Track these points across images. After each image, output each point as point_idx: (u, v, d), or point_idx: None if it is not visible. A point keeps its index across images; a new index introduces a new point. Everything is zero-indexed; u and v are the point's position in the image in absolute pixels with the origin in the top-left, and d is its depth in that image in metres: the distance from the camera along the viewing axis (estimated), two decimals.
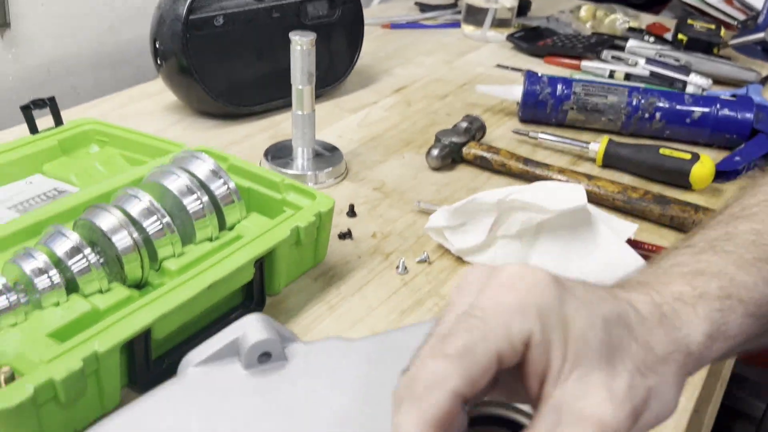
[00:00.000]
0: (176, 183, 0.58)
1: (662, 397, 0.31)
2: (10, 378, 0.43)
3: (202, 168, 0.60)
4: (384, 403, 0.41)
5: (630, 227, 0.67)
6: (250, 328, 0.44)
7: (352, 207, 0.74)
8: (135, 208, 0.55)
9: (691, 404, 0.54)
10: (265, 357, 0.44)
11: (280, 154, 0.81)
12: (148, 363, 0.49)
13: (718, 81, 1.14)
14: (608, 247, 0.64)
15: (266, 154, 0.82)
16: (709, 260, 0.36)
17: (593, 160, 0.88)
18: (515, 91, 0.96)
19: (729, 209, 0.42)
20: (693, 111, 0.93)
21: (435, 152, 0.83)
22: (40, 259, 0.50)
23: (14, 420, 0.41)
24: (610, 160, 0.87)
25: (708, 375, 0.61)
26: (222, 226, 0.60)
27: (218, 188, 0.60)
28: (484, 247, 0.66)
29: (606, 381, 0.29)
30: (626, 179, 0.85)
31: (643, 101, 0.93)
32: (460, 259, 0.68)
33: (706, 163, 0.82)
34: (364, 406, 0.41)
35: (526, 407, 0.43)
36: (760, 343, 0.39)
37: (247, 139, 0.88)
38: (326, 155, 0.82)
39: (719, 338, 0.34)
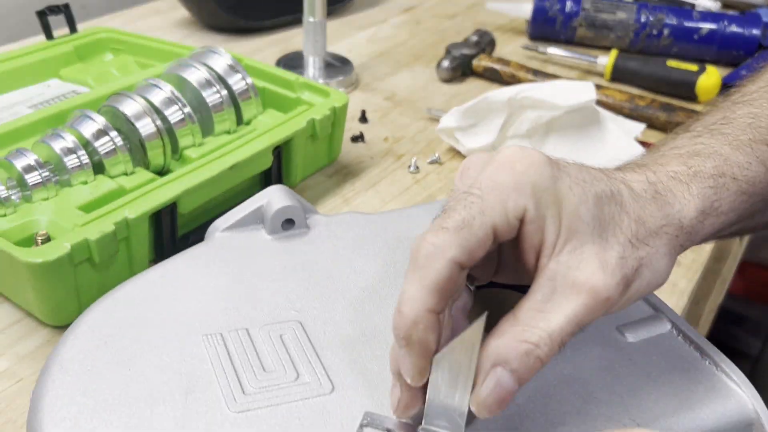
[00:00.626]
0: (195, 75, 0.59)
1: (654, 266, 0.33)
2: (47, 240, 0.45)
3: (220, 62, 0.61)
4: (402, 268, 0.44)
5: (637, 126, 0.69)
6: (274, 196, 0.46)
7: (363, 113, 0.76)
8: (157, 97, 0.56)
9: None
10: (288, 224, 0.46)
11: (291, 63, 0.82)
12: (174, 238, 0.51)
13: (726, 5, 1.13)
14: (617, 143, 0.66)
15: (278, 63, 0.83)
16: (705, 142, 0.38)
17: (601, 74, 0.89)
18: (525, 8, 0.96)
19: (730, 97, 0.43)
20: (701, 27, 0.93)
21: (445, 64, 0.84)
22: (69, 140, 0.51)
23: (53, 276, 0.43)
24: (618, 74, 0.88)
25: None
26: (239, 120, 0.62)
27: (236, 83, 0.61)
28: (495, 146, 0.68)
29: (598, 252, 0.31)
30: (634, 92, 0.86)
31: (651, 18, 0.94)
32: None
33: (712, 74, 0.83)
34: (385, 269, 0.44)
35: None
36: (754, 223, 0.40)
37: (257, 53, 0.89)
38: (337, 65, 0.83)
39: (712, 214, 0.35)
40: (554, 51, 0.91)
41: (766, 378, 1.19)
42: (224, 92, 0.60)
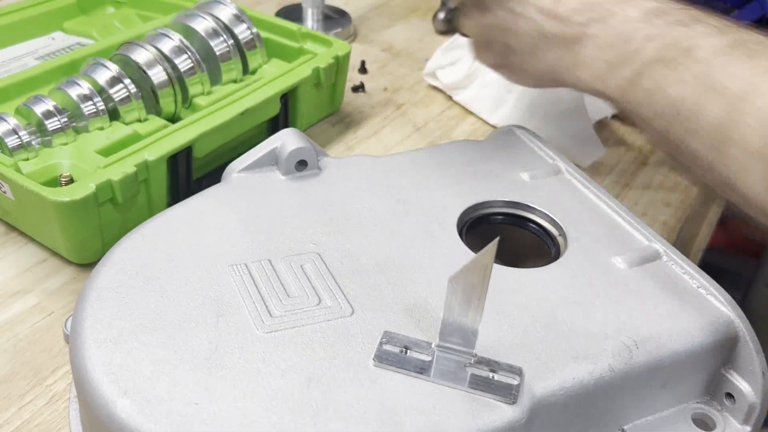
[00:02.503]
0: (203, 24, 0.60)
1: None
2: (70, 182, 0.47)
3: (226, 12, 0.62)
4: (413, 207, 0.46)
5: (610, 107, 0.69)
6: (288, 138, 0.48)
7: (363, 63, 0.77)
8: (166, 46, 0.58)
9: None
10: (301, 165, 0.48)
11: (290, 16, 0.83)
12: (189, 182, 0.53)
13: None
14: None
15: (276, 15, 0.84)
16: None
17: None
18: None
19: None
20: None
21: (441, 15, 0.86)
22: (85, 87, 0.53)
23: (79, 215, 0.45)
24: None
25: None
26: (245, 70, 0.63)
27: (242, 32, 0.62)
28: (468, 80, 0.70)
29: None
30: None
31: None
32: (467, 110, 0.72)
33: None
34: (395, 206, 0.46)
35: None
36: None
37: (256, 5, 0.90)
38: (335, 17, 0.84)
39: None
40: None
41: None
42: (231, 41, 0.61)
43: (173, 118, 0.58)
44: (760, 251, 1.52)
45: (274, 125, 0.61)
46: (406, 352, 0.36)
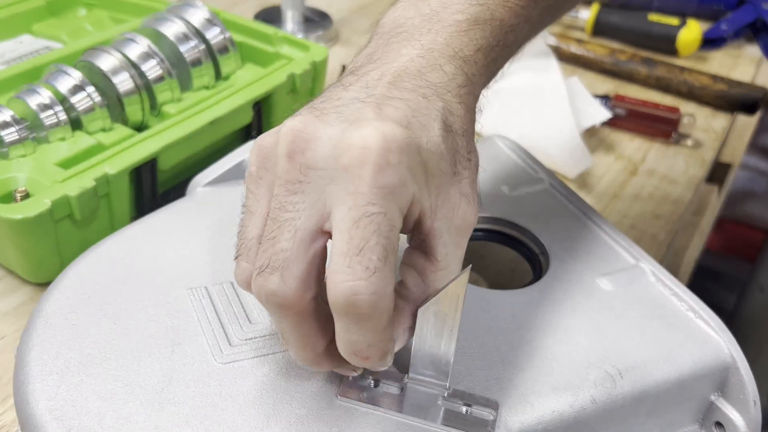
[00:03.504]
0: (172, 29, 0.58)
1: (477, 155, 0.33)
2: (26, 197, 0.45)
3: (198, 16, 0.60)
4: None
5: (601, 114, 0.67)
6: None
7: (344, 68, 0.75)
8: (133, 52, 0.55)
9: None
10: None
11: (269, 18, 0.81)
12: (155, 195, 0.51)
13: None
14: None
15: (255, 18, 0.81)
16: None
17: (583, 29, 0.89)
18: None
19: None
20: None
21: None
22: (45, 95, 0.50)
23: (34, 232, 0.43)
24: (599, 28, 0.87)
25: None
26: (218, 75, 0.61)
27: (214, 37, 0.60)
28: None
29: (460, 190, 0.31)
30: (615, 46, 0.86)
31: None
32: None
33: (693, 28, 0.83)
34: None
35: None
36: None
37: (234, 7, 0.88)
38: (316, 20, 0.82)
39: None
40: None
41: (741, 331, 1.22)
42: (202, 46, 0.58)
43: (141, 127, 0.56)
44: (755, 255, 1.51)
45: (247, 134, 0.58)
46: (376, 385, 0.33)
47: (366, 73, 0.31)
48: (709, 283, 1.57)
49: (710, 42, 0.88)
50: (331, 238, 0.28)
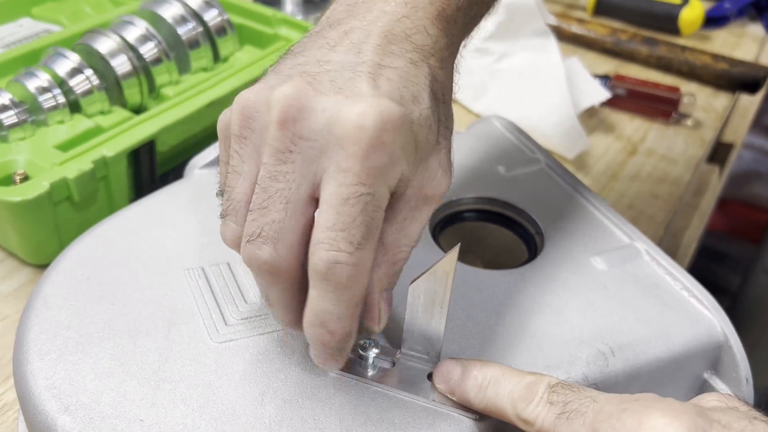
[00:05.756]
0: (170, 11, 0.58)
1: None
2: (25, 179, 0.45)
3: None
4: None
5: (601, 94, 0.67)
6: None
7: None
8: (131, 34, 0.55)
9: None
10: None
11: (268, 0, 0.81)
12: (153, 177, 0.51)
13: None
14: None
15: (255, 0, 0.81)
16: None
17: (584, 8, 0.88)
18: None
19: None
20: None
21: None
22: (43, 78, 0.50)
23: (33, 214, 0.43)
24: (601, 7, 0.87)
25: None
26: (216, 57, 0.61)
27: (212, 19, 0.60)
28: None
29: (437, 158, 0.31)
30: (616, 26, 0.85)
31: None
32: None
33: (695, 7, 0.83)
34: None
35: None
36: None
37: None
38: (315, 2, 0.82)
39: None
40: None
41: (744, 312, 1.22)
42: (200, 28, 0.58)
43: (139, 109, 0.56)
44: (760, 236, 1.50)
45: None
46: (369, 360, 0.34)
47: (351, 30, 0.31)
48: (714, 264, 1.57)
49: (713, 21, 0.87)
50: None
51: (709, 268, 1.55)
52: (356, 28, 0.31)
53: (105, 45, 0.54)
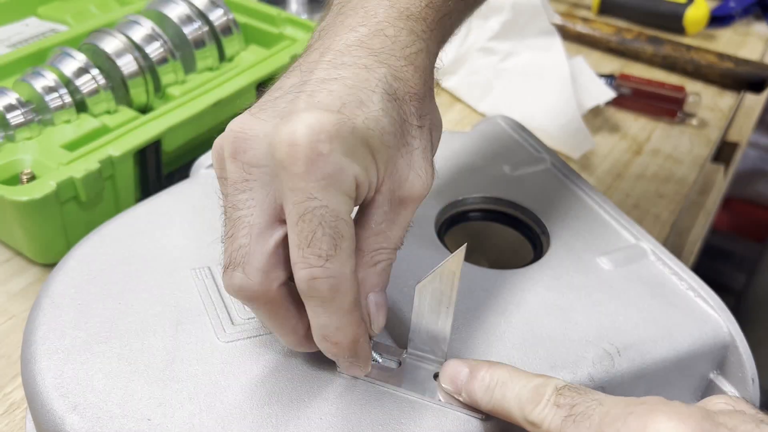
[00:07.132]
0: (176, 11, 0.58)
1: (436, 122, 0.33)
2: (32, 179, 0.45)
3: None
4: None
5: (606, 94, 0.67)
6: None
7: None
8: (137, 34, 0.56)
9: None
10: None
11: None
12: (160, 177, 0.51)
13: None
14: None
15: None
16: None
17: (589, 7, 0.88)
18: None
19: None
20: None
21: None
22: (50, 78, 0.51)
23: (40, 214, 0.43)
24: (606, 6, 0.87)
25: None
26: (222, 57, 0.61)
27: (218, 18, 0.60)
28: (456, 65, 0.68)
29: (408, 162, 0.31)
30: (621, 25, 0.85)
31: None
32: (454, 97, 0.70)
33: (700, 5, 0.82)
34: None
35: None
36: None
37: None
38: (320, 1, 0.82)
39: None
40: None
41: (750, 311, 1.21)
42: (206, 28, 0.59)
43: (145, 109, 0.56)
44: (765, 235, 1.50)
45: None
46: (376, 360, 0.34)
47: (309, 53, 0.32)
48: (719, 263, 1.57)
49: (718, 20, 0.87)
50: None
51: (714, 267, 1.54)
52: (315, 50, 0.32)
53: (111, 45, 0.54)
